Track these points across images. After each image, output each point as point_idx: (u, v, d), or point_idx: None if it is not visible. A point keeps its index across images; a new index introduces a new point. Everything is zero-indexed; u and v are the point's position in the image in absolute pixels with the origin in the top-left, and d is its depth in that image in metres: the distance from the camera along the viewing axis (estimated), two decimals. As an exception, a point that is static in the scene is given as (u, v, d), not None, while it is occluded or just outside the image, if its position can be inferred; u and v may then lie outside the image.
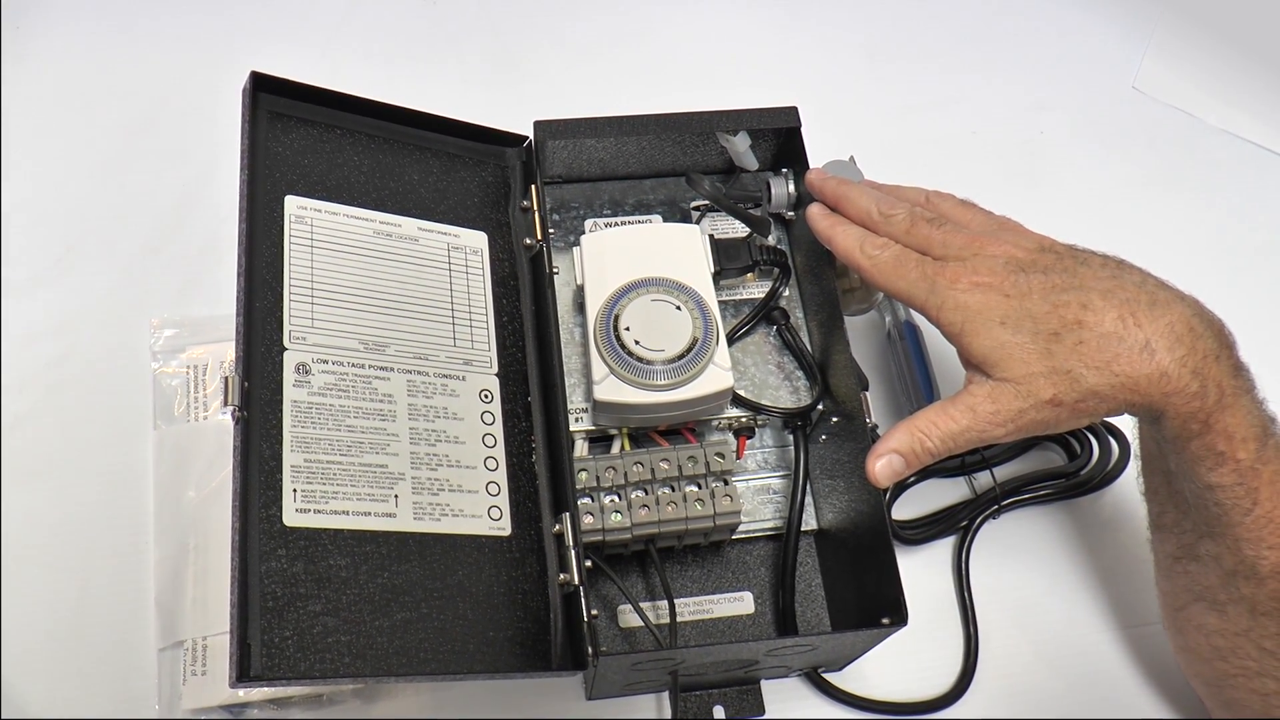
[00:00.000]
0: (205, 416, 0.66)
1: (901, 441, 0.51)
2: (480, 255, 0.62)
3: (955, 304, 0.51)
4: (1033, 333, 0.50)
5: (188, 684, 0.59)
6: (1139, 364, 0.48)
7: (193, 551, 0.62)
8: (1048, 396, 0.49)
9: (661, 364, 0.58)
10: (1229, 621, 0.55)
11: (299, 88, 0.59)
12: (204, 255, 0.73)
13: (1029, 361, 0.49)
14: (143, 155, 0.77)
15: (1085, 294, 0.50)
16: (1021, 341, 0.50)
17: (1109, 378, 0.49)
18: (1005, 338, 0.50)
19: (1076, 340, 0.49)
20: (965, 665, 0.64)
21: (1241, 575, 0.53)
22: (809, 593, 0.64)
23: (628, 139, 0.65)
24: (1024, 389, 0.49)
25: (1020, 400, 0.50)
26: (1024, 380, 0.49)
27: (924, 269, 0.53)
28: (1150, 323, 0.49)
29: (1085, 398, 0.49)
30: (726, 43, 0.89)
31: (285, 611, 0.47)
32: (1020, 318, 0.50)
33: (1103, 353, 0.49)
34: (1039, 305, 0.50)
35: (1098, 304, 0.49)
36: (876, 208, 0.57)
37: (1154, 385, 0.49)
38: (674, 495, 0.58)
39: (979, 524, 0.67)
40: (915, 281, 0.53)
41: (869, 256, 0.55)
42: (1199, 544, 0.55)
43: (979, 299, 0.51)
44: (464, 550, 0.53)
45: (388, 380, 0.56)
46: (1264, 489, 0.50)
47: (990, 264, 0.52)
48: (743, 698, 0.61)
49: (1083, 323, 0.49)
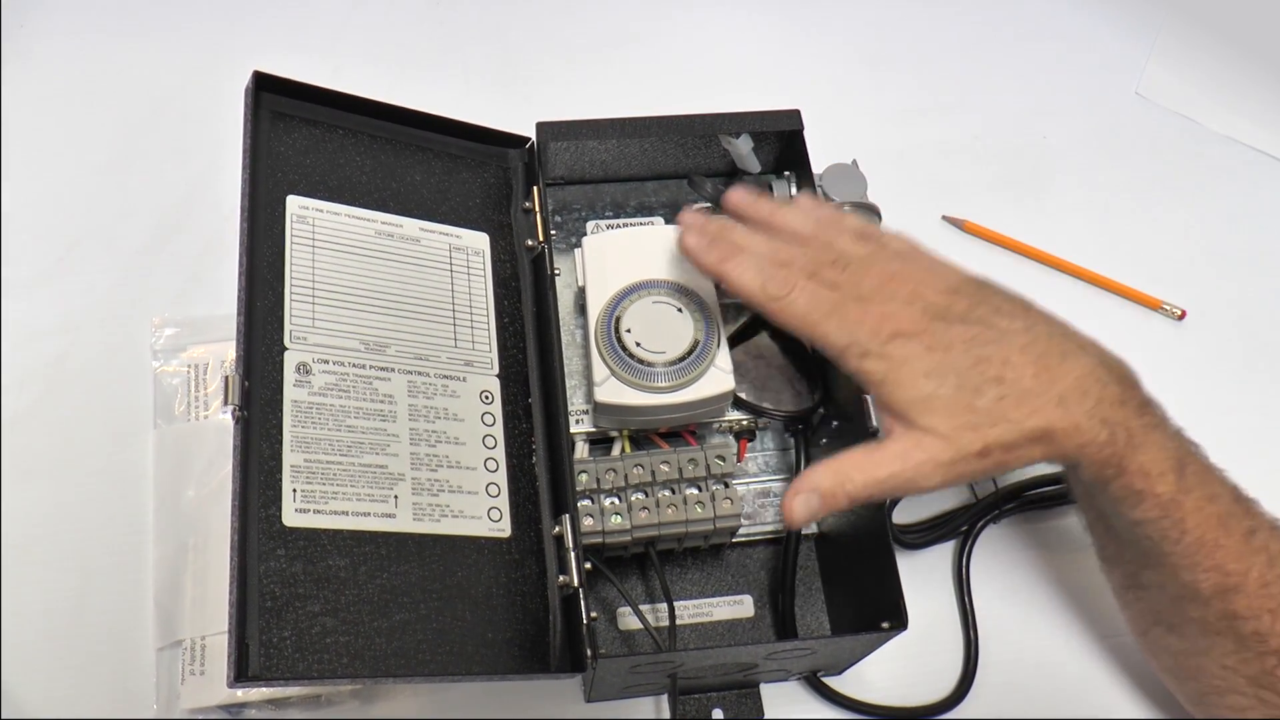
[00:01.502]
0: (205, 416, 0.66)
1: (823, 481, 0.50)
2: (482, 256, 0.62)
3: (878, 354, 0.50)
4: (956, 387, 0.49)
5: (186, 684, 0.58)
6: (1055, 418, 0.49)
7: (192, 551, 0.62)
8: (976, 449, 0.49)
9: (662, 366, 0.58)
10: (1187, 642, 0.56)
11: (301, 87, 0.59)
12: (205, 255, 0.73)
13: (954, 414, 0.49)
14: (144, 154, 0.77)
15: (1005, 349, 0.50)
16: (946, 395, 0.49)
17: (1029, 431, 0.49)
18: (930, 390, 0.50)
19: (998, 395, 0.49)
20: (965, 670, 0.64)
21: (1186, 599, 0.53)
22: (809, 596, 0.63)
23: (630, 141, 0.65)
24: (952, 441, 0.49)
25: (949, 451, 0.49)
26: (950, 433, 0.49)
27: (842, 314, 0.52)
28: (1062, 377, 0.50)
29: (1009, 449, 0.50)
30: (730, 45, 0.89)
31: (284, 612, 0.47)
32: (944, 371, 0.50)
33: (1022, 407, 0.49)
34: (961, 359, 0.50)
35: (1016, 360, 0.50)
36: (771, 249, 0.55)
37: (1068, 437, 0.49)
38: (674, 498, 0.58)
39: (980, 529, 0.67)
40: (834, 329, 0.51)
41: (774, 299, 0.53)
42: (1141, 573, 0.56)
43: (901, 350, 0.50)
44: (463, 551, 0.53)
45: (388, 381, 0.56)
46: (1189, 517, 0.51)
47: (908, 311, 0.51)
48: (742, 701, 0.61)
49: (1003, 378, 0.49)
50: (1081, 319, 0.77)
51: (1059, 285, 0.79)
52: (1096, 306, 0.78)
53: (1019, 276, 0.78)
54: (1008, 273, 0.79)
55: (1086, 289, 0.79)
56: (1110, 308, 0.79)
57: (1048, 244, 0.80)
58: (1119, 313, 0.78)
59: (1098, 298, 0.79)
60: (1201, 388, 0.76)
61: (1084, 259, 0.79)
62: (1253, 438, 0.74)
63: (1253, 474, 0.71)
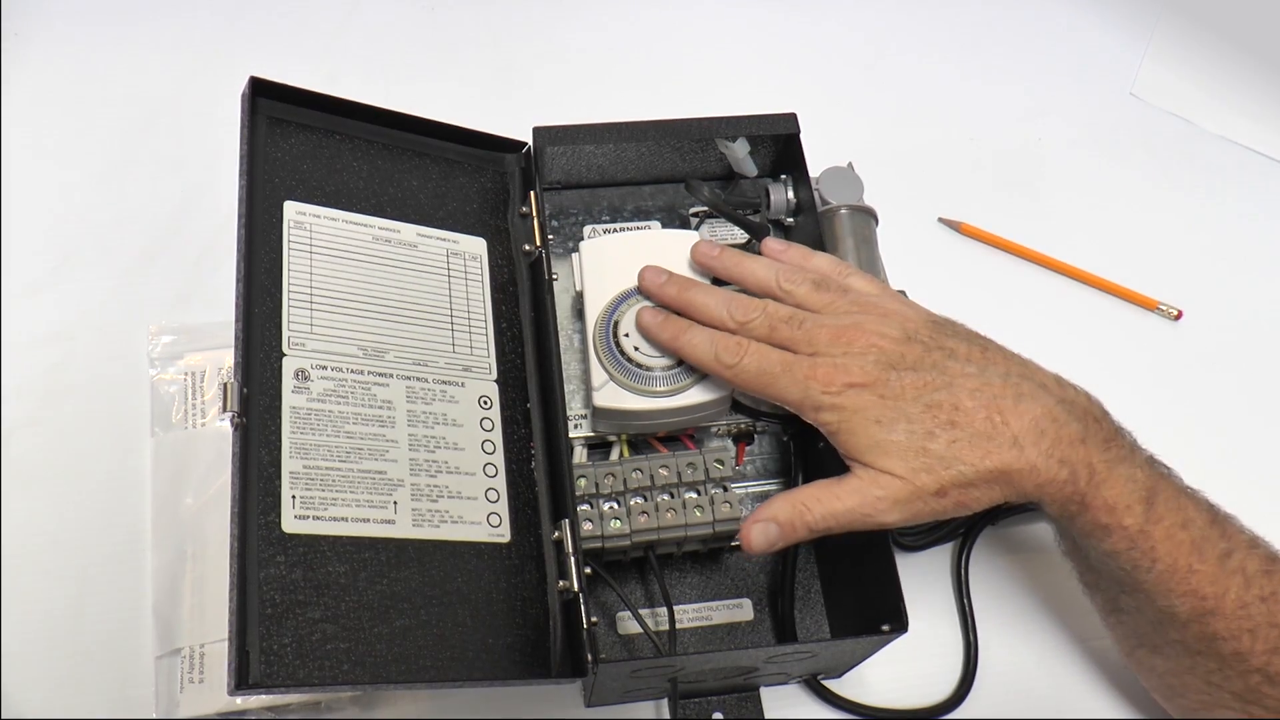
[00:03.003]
0: (203, 423, 0.66)
1: (781, 511, 0.52)
2: (479, 261, 0.62)
3: (831, 405, 0.52)
4: (908, 433, 0.51)
5: (185, 692, 0.58)
6: (1010, 459, 0.50)
7: (191, 558, 0.61)
8: (933, 489, 0.50)
9: (661, 370, 0.58)
10: (1171, 662, 0.56)
11: (298, 93, 0.59)
12: (202, 261, 0.73)
13: (908, 458, 0.50)
14: (140, 161, 0.77)
15: (955, 394, 0.51)
16: (898, 440, 0.51)
17: (985, 472, 0.50)
18: (882, 436, 0.51)
19: (951, 439, 0.50)
20: (965, 672, 0.64)
21: (1165, 622, 0.54)
22: (808, 599, 0.63)
23: (627, 145, 0.66)
24: (909, 483, 0.50)
25: (907, 490, 0.50)
26: (908, 474, 0.50)
27: (793, 372, 0.53)
28: (1016, 419, 0.51)
29: (966, 488, 0.51)
30: (726, 49, 0.89)
31: (284, 619, 0.47)
32: (895, 418, 0.51)
33: (975, 450, 0.50)
34: (912, 407, 0.51)
35: (967, 405, 0.51)
36: (729, 313, 0.57)
37: (1025, 478, 0.51)
38: (673, 502, 0.58)
39: (978, 531, 0.67)
40: (787, 386, 0.53)
41: (729, 366, 0.55)
42: (1120, 599, 0.56)
43: (854, 400, 0.52)
44: (463, 557, 0.53)
45: (387, 386, 0.56)
46: (1159, 546, 0.52)
47: (860, 362, 0.52)
48: (742, 704, 0.61)
49: (955, 423, 0.51)
50: (1078, 320, 0.78)
51: (1056, 286, 0.79)
52: (1093, 307, 0.79)
53: (1015, 278, 0.80)
54: (1004, 274, 0.80)
55: (1083, 290, 0.79)
56: (1107, 308, 0.79)
57: (1044, 245, 0.80)
58: (1115, 313, 0.79)
59: (1094, 298, 0.79)
60: (1198, 388, 0.76)
61: (1080, 260, 0.80)
62: (1249, 437, 0.74)
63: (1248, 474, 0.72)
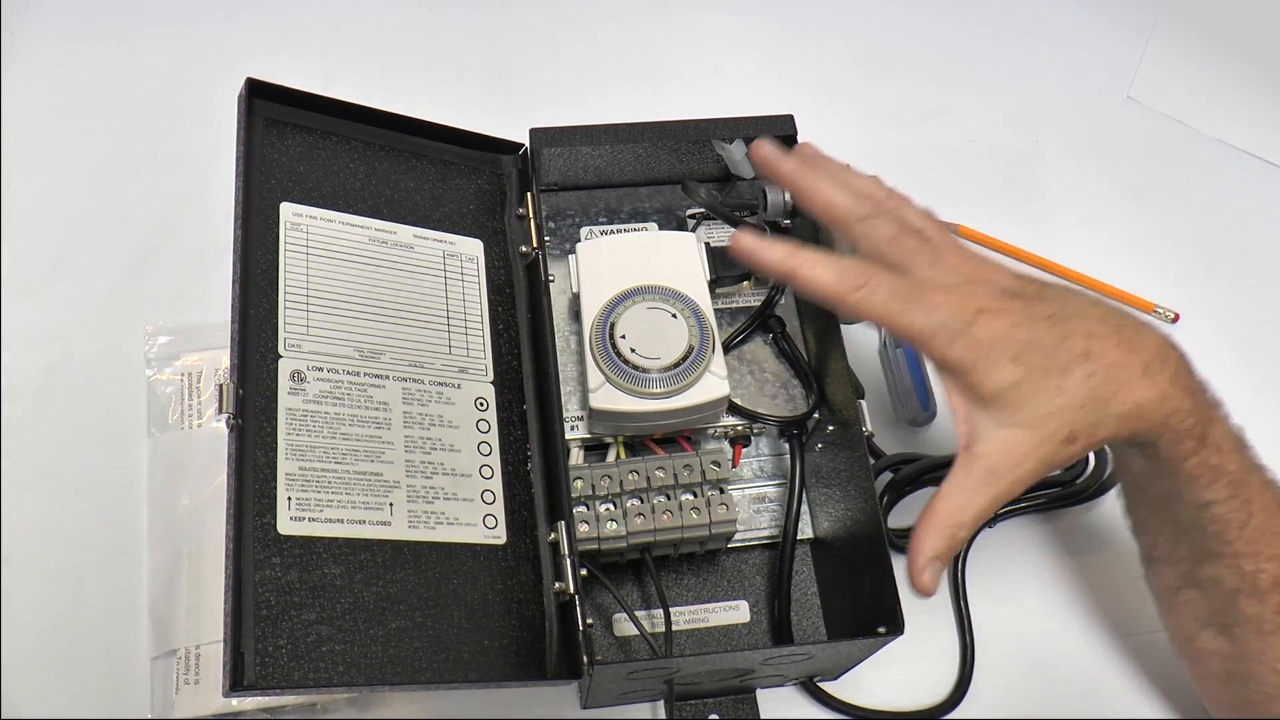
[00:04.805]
0: (199, 424, 0.66)
1: (938, 545, 0.48)
2: (476, 263, 0.62)
3: (967, 338, 0.47)
4: (1044, 369, 0.47)
5: (181, 693, 0.58)
6: (1144, 389, 0.48)
7: (186, 559, 0.61)
8: (1064, 435, 0.47)
9: (657, 372, 0.58)
10: (1240, 645, 0.54)
11: (295, 94, 0.59)
12: (199, 262, 0.73)
13: (1042, 401, 0.47)
14: (137, 162, 0.77)
15: (1086, 322, 0.48)
16: (1034, 378, 0.47)
17: (1119, 407, 0.47)
18: (1019, 375, 0.47)
19: (1087, 373, 0.47)
20: (961, 674, 0.64)
21: (1244, 593, 0.52)
22: (805, 601, 0.63)
23: (624, 147, 0.66)
24: (1039, 433, 0.47)
25: (1038, 447, 0.47)
26: (1038, 423, 0.47)
27: (925, 298, 0.48)
28: (1141, 346, 0.48)
29: (1096, 429, 0.48)
30: (723, 51, 0.89)
31: (279, 620, 0.47)
32: (1032, 352, 0.47)
33: (1111, 382, 0.47)
34: (1047, 337, 0.47)
35: (1099, 331, 0.48)
36: (856, 205, 0.51)
37: (1156, 408, 0.48)
38: (670, 504, 0.58)
39: (975, 533, 0.67)
40: (919, 315, 0.48)
41: (855, 289, 0.48)
42: (1198, 569, 0.54)
43: (989, 330, 0.47)
44: (459, 558, 0.53)
45: (383, 388, 0.56)
46: (1255, 499, 0.51)
47: (988, 290, 0.48)
48: (738, 706, 0.61)
49: (1090, 353, 0.47)
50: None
51: (1052, 289, 0.79)
52: (1090, 310, 0.79)
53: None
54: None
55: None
56: (1104, 311, 0.79)
57: (1041, 248, 0.80)
58: (1112, 316, 0.79)
59: (1091, 301, 0.79)
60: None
61: (1077, 262, 0.80)
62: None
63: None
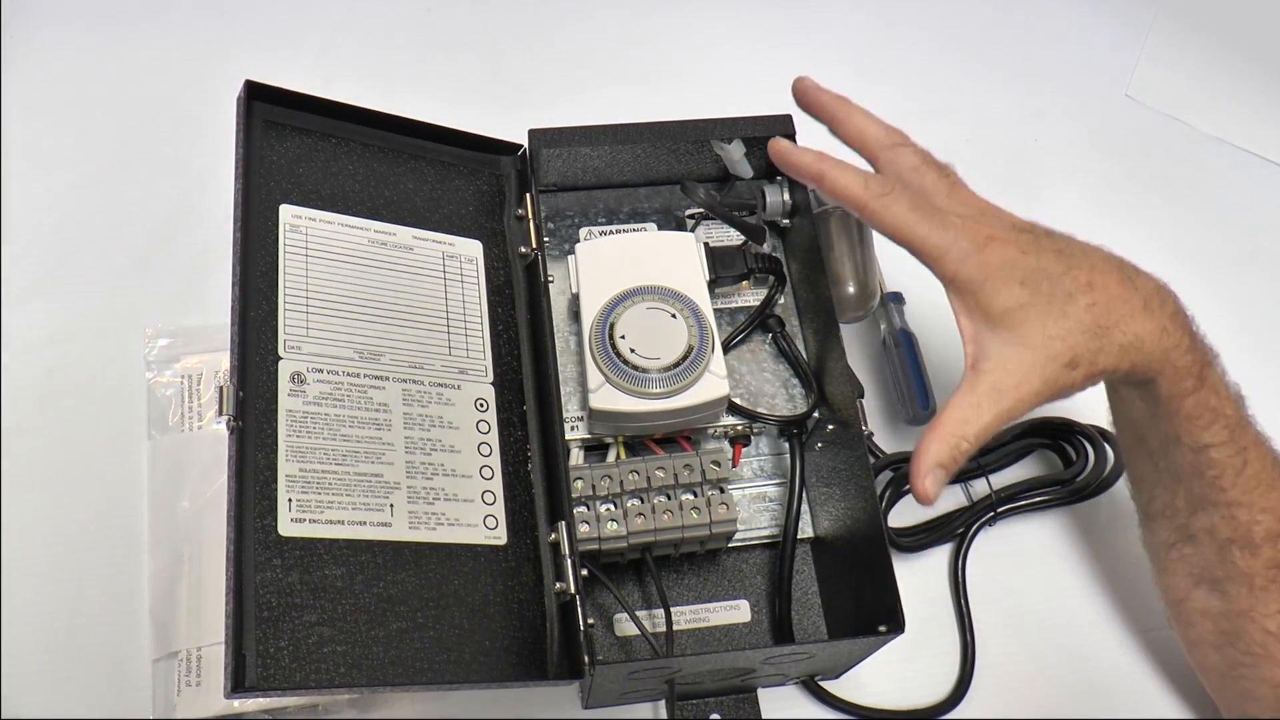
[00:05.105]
0: (200, 426, 0.66)
1: (940, 452, 0.49)
2: (475, 264, 0.62)
3: (978, 259, 0.50)
4: (1049, 294, 0.50)
5: (182, 695, 0.58)
6: (1144, 322, 0.51)
7: (187, 562, 0.61)
8: (1066, 358, 0.49)
9: (657, 372, 0.58)
10: (1230, 602, 0.55)
11: (294, 96, 0.59)
12: (198, 265, 0.73)
13: (1046, 324, 0.49)
14: (136, 164, 0.77)
15: (1090, 258, 0.52)
16: (1039, 302, 0.50)
17: (1120, 337, 0.50)
18: (1025, 298, 0.50)
19: (1090, 302, 0.50)
20: (962, 672, 0.64)
21: (1237, 545, 0.54)
22: (805, 601, 0.63)
23: (622, 147, 0.66)
24: (1042, 353, 0.49)
25: (1041, 366, 0.49)
26: (1042, 344, 0.49)
27: (941, 217, 0.51)
28: (1141, 286, 0.52)
29: (1098, 357, 0.50)
30: (721, 51, 0.89)
31: (280, 621, 0.47)
32: (1038, 278, 0.50)
33: (1113, 313, 0.50)
34: (1054, 266, 0.51)
35: (1102, 267, 0.51)
36: (885, 132, 0.56)
37: (1156, 341, 0.51)
38: (670, 503, 0.58)
39: (975, 531, 0.67)
40: (933, 230, 0.51)
41: (879, 195, 0.51)
42: (1193, 520, 0.56)
43: (999, 254, 0.50)
44: (460, 559, 0.53)
45: (383, 389, 0.56)
46: (1251, 449, 0.53)
47: (999, 222, 0.52)
48: (740, 705, 0.61)
49: (1093, 284, 0.50)
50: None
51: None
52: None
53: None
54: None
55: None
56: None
57: (1040, 246, 0.80)
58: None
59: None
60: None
61: (1076, 261, 0.79)
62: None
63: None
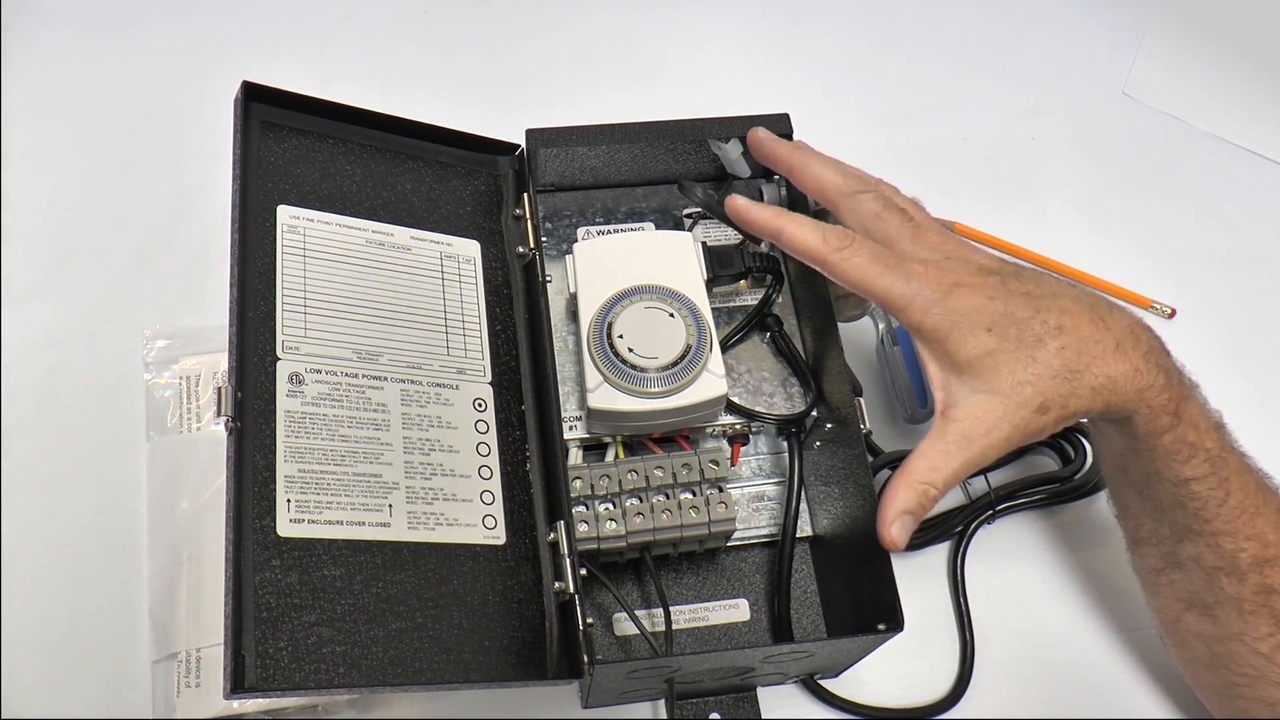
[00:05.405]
0: (198, 427, 0.66)
1: (908, 500, 0.50)
2: (473, 264, 0.62)
3: (943, 307, 0.50)
4: (1018, 340, 0.49)
5: (182, 696, 0.58)
6: (1116, 363, 0.50)
7: (186, 563, 0.61)
8: (1036, 404, 0.49)
9: (655, 371, 0.58)
10: (1221, 626, 0.55)
11: (291, 97, 0.59)
12: (196, 266, 0.73)
13: (1015, 370, 0.49)
14: (134, 166, 0.77)
15: (1060, 300, 0.51)
16: (1008, 348, 0.49)
17: (1091, 380, 0.50)
18: (993, 345, 0.49)
19: (1060, 346, 0.49)
20: (961, 670, 0.64)
21: (1224, 572, 0.53)
22: (804, 599, 0.64)
23: (620, 147, 0.66)
24: (1012, 400, 0.49)
25: (1011, 412, 0.49)
26: (1012, 391, 0.49)
27: (906, 267, 0.51)
28: (1114, 325, 0.51)
29: (1069, 400, 0.50)
30: (718, 50, 0.89)
31: (280, 622, 0.47)
32: (1006, 324, 0.50)
33: (1083, 356, 0.50)
34: (1022, 310, 0.50)
35: (1072, 309, 0.51)
36: (844, 182, 0.55)
37: (1129, 382, 0.50)
38: (669, 503, 0.58)
39: (974, 529, 0.67)
40: (895, 281, 0.51)
41: (837, 250, 0.52)
42: (1179, 548, 0.55)
43: (965, 301, 0.50)
44: (459, 559, 0.53)
45: (381, 390, 0.56)
46: (1233, 479, 0.52)
47: (966, 268, 0.51)
48: (739, 705, 0.61)
49: (1063, 327, 0.50)
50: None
51: (1049, 285, 0.79)
52: (1087, 306, 0.79)
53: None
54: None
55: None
56: (1101, 307, 0.79)
57: (1037, 244, 0.80)
58: (1109, 312, 0.79)
59: (1088, 297, 0.79)
60: (1192, 385, 0.76)
61: (1074, 259, 0.80)
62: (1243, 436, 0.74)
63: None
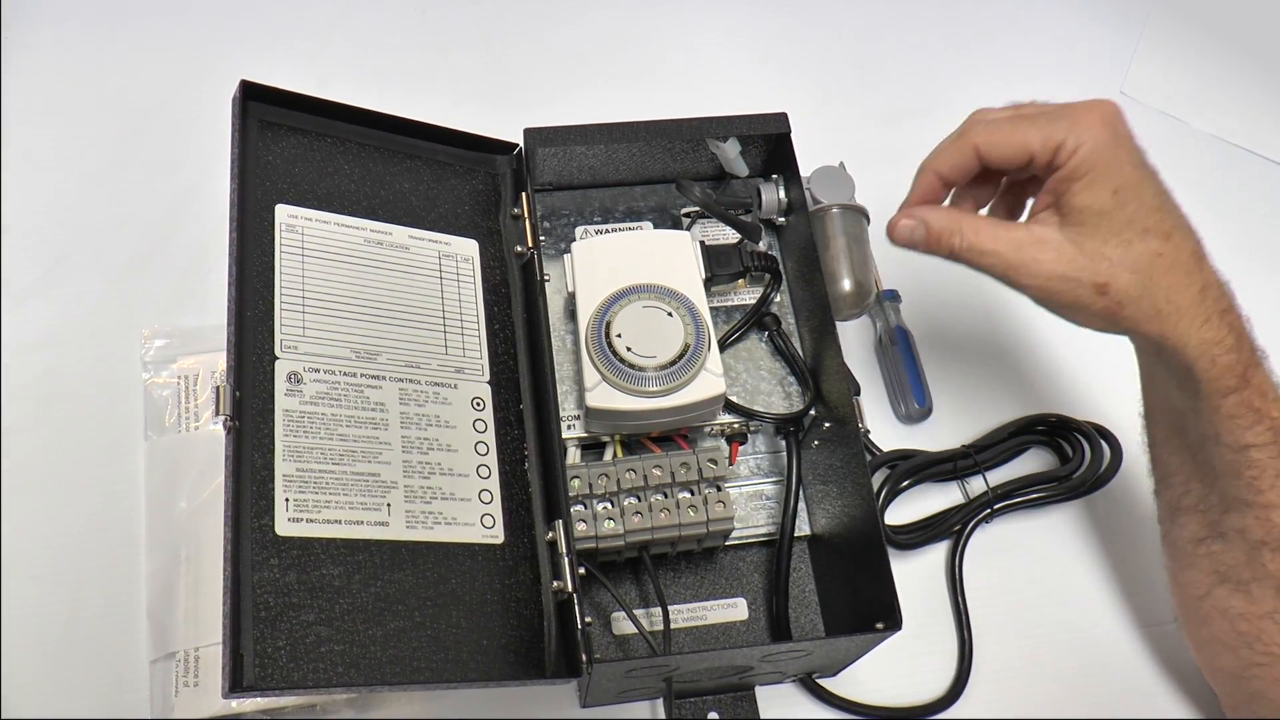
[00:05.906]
0: (197, 427, 0.66)
1: (937, 220, 0.50)
2: (471, 263, 0.62)
3: (1094, 140, 0.49)
4: (1129, 218, 0.49)
5: (180, 695, 0.58)
6: (1193, 303, 0.50)
7: (185, 562, 0.61)
8: (1101, 280, 0.49)
9: (653, 370, 0.58)
10: (1254, 603, 0.55)
11: (289, 96, 0.59)
12: (195, 265, 0.73)
13: (1108, 241, 0.49)
14: (132, 165, 0.77)
15: (1180, 219, 0.51)
16: (1117, 220, 0.49)
17: (1162, 301, 0.49)
18: (1109, 207, 0.49)
19: (1156, 252, 0.49)
20: (959, 669, 0.64)
21: (1269, 547, 0.53)
22: (803, 598, 0.64)
23: (618, 146, 0.66)
24: (1082, 264, 0.49)
25: (1074, 270, 0.49)
26: (1090, 256, 0.49)
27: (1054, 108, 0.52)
28: (1207, 270, 0.51)
29: (1128, 304, 0.49)
30: (716, 49, 0.89)
31: (278, 621, 0.47)
32: (1129, 198, 0.49)
33: (1171, 274, 0.49)
34: (1150, 195, 0.50)
35: (1185, 233, 0.51)
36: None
37: (1196, 328, 0.50)
38: (667, 502, 0.58)
39: (972, 528, 0.67)
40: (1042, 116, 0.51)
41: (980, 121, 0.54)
42: (1225, 518, 0.55)
43: (1111, 151, 0.50)
44: (457, 558, 0.53)
45: (379, 389, 0.56)
46: None
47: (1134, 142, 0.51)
48: (737, 704, 0.61)
49: (1170, 238, 0.50)
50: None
51: (1047, 284, 0.79)
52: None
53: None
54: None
55: (1075, 288, 0.79)
56: (1099, 306, 0.79)
57: (1036, 243, 0.80)
58: (1107, 311, 0.79)
59: (1086, 296, 0.79)
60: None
61: (1072, 258, 0.80)
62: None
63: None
